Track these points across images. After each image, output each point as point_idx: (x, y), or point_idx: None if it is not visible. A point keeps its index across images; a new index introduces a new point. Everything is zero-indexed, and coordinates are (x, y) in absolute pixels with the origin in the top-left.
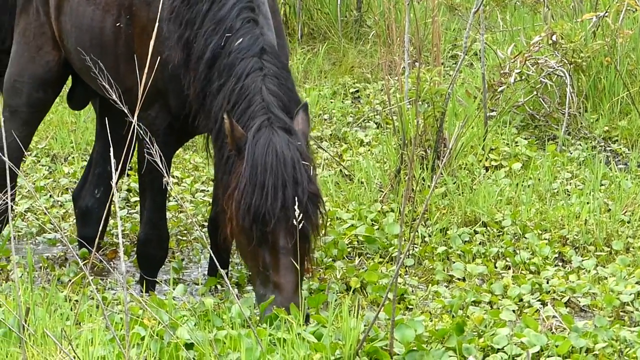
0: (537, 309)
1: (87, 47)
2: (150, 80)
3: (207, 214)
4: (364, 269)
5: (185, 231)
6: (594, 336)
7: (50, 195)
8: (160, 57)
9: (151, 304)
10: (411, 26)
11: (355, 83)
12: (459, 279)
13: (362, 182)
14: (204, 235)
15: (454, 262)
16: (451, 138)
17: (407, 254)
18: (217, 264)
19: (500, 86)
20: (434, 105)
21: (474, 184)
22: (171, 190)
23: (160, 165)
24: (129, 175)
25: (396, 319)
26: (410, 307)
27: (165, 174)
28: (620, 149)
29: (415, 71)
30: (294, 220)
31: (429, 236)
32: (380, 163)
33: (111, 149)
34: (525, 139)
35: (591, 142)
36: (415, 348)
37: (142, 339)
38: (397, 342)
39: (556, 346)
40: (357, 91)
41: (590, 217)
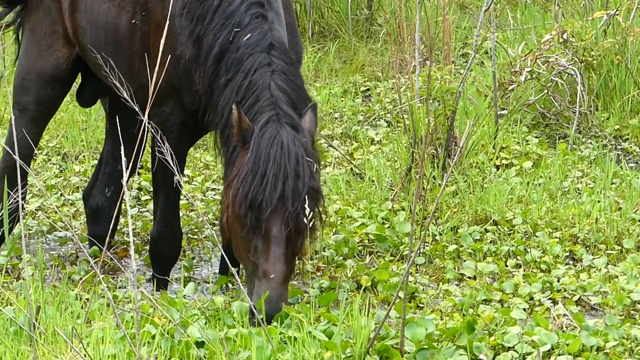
0: (548, 308)
1: (102, 44)
2: (165, 77)
3: (218, 213)
4: (374, 267)
5: (196, 229)
6: (604, 335)
7: (61, 194)
8: (173, 53)
9: (162, 302)
10: (422, 24)
11: (365, 81)
12: (469, 277)
13: (373, 181)
14: (214, 233)
15: (464, 261)
16: (462, 136)
17: (418, 252)
18: (228, 262)
19: (511, 84)
20: (444, 103)
21: (484, 182)
22: (182, 188)
23: (173, 163)
24: (139, 173)
25: (407, 317)
26: (421, 305)
27: (178, 172)
28: (631, 147)
29: (426, 70)
30: (292, 211)
31: (440, 234)
32: (391, 161)
33: (122, 147)
34: (536, 137)
35: (602, 141)
36: (426, 346)
37: (153, 337)
38: (407, 341)
39: (567, 345)
40: (368, 89)
41: (601, 215)
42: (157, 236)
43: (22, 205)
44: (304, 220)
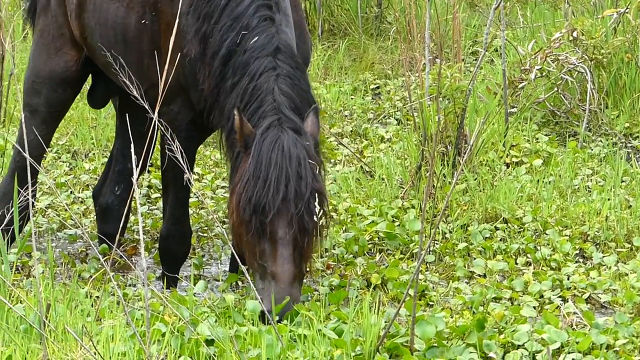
0: (558, 306)
1: (112, 44)
2: (173, 76)
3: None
4: (384, 265)
5: (206, 227)
6: (614, 333)
7: (71, 192)
8: (181, 52)
9: (172, 300)
10: (432, 22)
11: (375, 79)
12: (479, 275)
13: (382, 179)
14: (224, 231)
15: (474, 259)
16: (472, 134)
17: (428, 250)
18: (238, 260)
19: (521, 82)
20: (454, 101)
21: (494, 180)
22: (192, 186)
23: (182, 161)
24: (149, 171)
25: (417, 315)
26: (431, 303)
27: (187, 170)
28: None
29: (435, 67)
30: (295, 213)
31: (450, 232)
32: (401, 159)
33: (132, 145)
34: (546, 135)
35: (612, 139)
36: (435, 344)
37: (163, 335)
38: (417, 339)
39: (577, 342)
40: (378, 87)
41: (611, 213)
42: (167, 234)
43: (32, 203)
44: (309, 221)
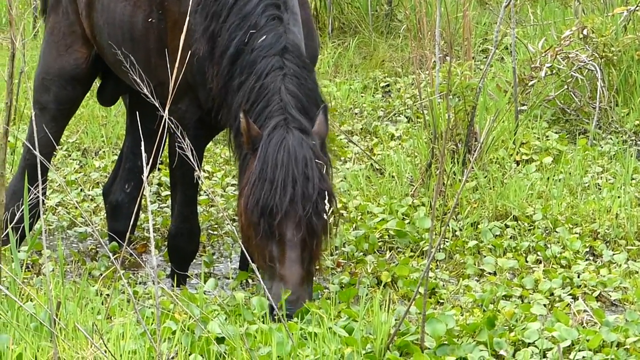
0: (568, 303)
1: (120, 42)
2: (181, 74)
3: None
4: (395, 263)
5: (216, 225)
6: (625, 330)
7: (81, 189)
8: (188, 51)
9: (182, 298)
10: (442, 20)
11: (385, 77)
12: (490, 273)
13: (393, 176)
14: (234, 229)
15: (484, 256)
16: (482, 132)
17: (438, 248)
18: (248, 257)
19: (531, 80)
20: (464, 99)
21: (504, 178)
22: (202, 184)
23: (191, 159)
24: (159, 169)
25: (427, 313)
26: (441, 301)
27: (196, 168)
28: None
29: (446, 65)
30: (303, 215)
31: (460, 230)
32: (411, 157)
33: (142, 143)
34: (556, 133)
35: (622, 136)
36: (446, 342)
37: (173, 333)
38: (428, 337)
39: (587, 340)
40: (388, 85)
41: (621, 211)
42: (175, 232)
43: (43, 200)
44: (317, 222)
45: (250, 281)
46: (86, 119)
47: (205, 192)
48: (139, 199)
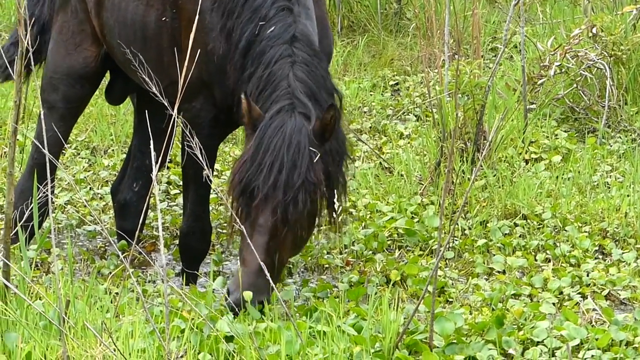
0: (577, 302)
1: (131, 41)
2: (195, 72)
3: None
4: (404, 261)
5: (225, 224)
6: (634, 329)
7: (90, 188)
8: (205, 49)
9: (191, 296)
10: (451, 19)
11: (394, 76)
12: (499, 271)
13: (402, 175)
14: (244, 228)
15: (494, 255)
16: (491, 131)
17: (447, 246)
18: (257, 256)
19: (540, 79)
20: (473, 97)
21: (513, 176)
22: (211, 183)
23: (203, 157)
24: (168, 168)
25: (436, 311)
26: (450, 300)
27: (207, 167)
28: None
29: (455, 64)
30: (281, 201)
31: (469, 229)
32: (420, 156)
33: (151, 141)
34: (565, 131)
35: (631, 135)
36: (455, 341)
37: (182, 331)
38: (436, 335)
39: (596, 339)
40: (397, 84)
41: (631, 209)
42: (187, 231)
43: (52, 199)
44: (293, 212)
45: None
46: (95, 117)
47: (214, 190)
48: (147, 197)
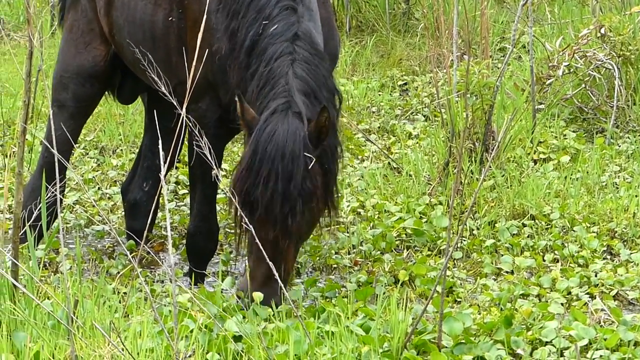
0: (586, 302)
1: (140, 41)
2: (202, 73)
3: None
4: (412, 261)
5: (233, 224)
6: None
7: (99, 188)
8: (210, 49)
9: (199, 296)
10: (459, 19)
11: (403, 76)
12: (507, 272)
13: (410, 175)
14: (252, 228)
15: (502, 255)
16: (500, 131)
17: (456, 246)
18: (265, 256)
19: (549, 79)
20: (482, 98)
21: (522, 176)
22: (219, 183)
23: (210, 157)
24: (177, 168)
25: (444, 311)
26: (459, 300)
27: (215, 166)
28: None
29: (463, 64)
30: (279, 213)
31: (478, 229)
32: (428, 156)
33: (160, 141)
34: (574, 131)
35: (639, 135)
36: (463, 341)
37: (191, 331)
38: (445, 335)
39: (604, 339)
40: (406, 84)
41: (639, 210)
42: (194, 231)
43: (60, 199)
44: (292, 224)
45: None
46: (104, 117)
47: (222, 190)
48: (156, 197)
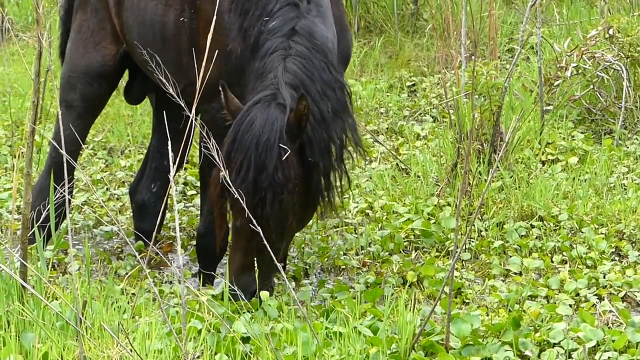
0: (594, 304)
1: (150, 41)
2: (214, 73)
3: None
4: (420, 263)
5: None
6: None
7: (107, 188)
8: (224, 49)
9: (208, 297)
10: (468, 20)
11: (411, 76)
12: (515, 273)
13: (418, 176)
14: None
15: (510, 257)
16: (508, 132)
17: (464, 248)
18: (273, 257)
19: (557, 80)
20: (490, 99)
21: (530, 178)
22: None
23: (219, 159)
24: (185, 168)
25: (452, 313)
26: (467, 301)
27: (224, 168)
28: None
29: (471, 65)
30: (251, 203)
31: (486, 230)
32: (436, 157)
33: (169, 142)
34: (582, 133)
35: None
36: (471, 342)
37: (199, 332)
38: (453, 337)
39: (613, 341)
40: (414, 85)
41: None
42: (204, 232)
43: (69, 199)
44: (262, 213)
45: (275, 280)
46: (112, 117)
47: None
48: (165, 198)
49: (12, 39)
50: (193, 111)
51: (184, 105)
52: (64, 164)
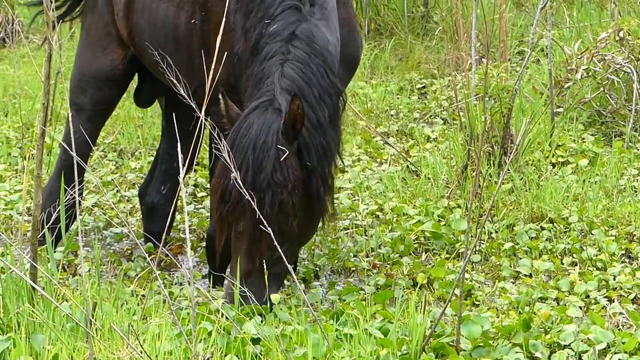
0: (604, 306)
1: (162, 43)
2: (224, 74)
3: None
4: (430, 264)
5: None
6: None
7: (118, 190)
8: (231, 50)
9: (218, 298)
10: (478, 22)
11: (422, 79)
12: (525, 275)
13: (429, 178)
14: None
15: (520, 259)
16: (518, 134)
17: (474, 250)
18: (284, 258)
19: (567, 82)
20: (500, 101)
21: (540, 180)
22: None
23: (229, 160)
24: (195, 170)
25: (463, 315)
26: (477, 303)
27: (234, 169)
28: None
29: (482, 67)
30: (247, 206)
31: (496, 232)
32: (447, 159)
33: (178, 144)
34: (592, 135)
35: None
36: (481, 344)
37: (209, 334)
38: (463, 338)
39: (623, 343)
40: (424, 87)
41: None
42: (214, 233)
43: (79, 201)
44: (261, 216)
45: (286, 282)
46: (122, 120)
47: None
48: (175, 200)
49: (22, 41)
50: (203, 112)
51: (194, 107)
52: (74, 166)
